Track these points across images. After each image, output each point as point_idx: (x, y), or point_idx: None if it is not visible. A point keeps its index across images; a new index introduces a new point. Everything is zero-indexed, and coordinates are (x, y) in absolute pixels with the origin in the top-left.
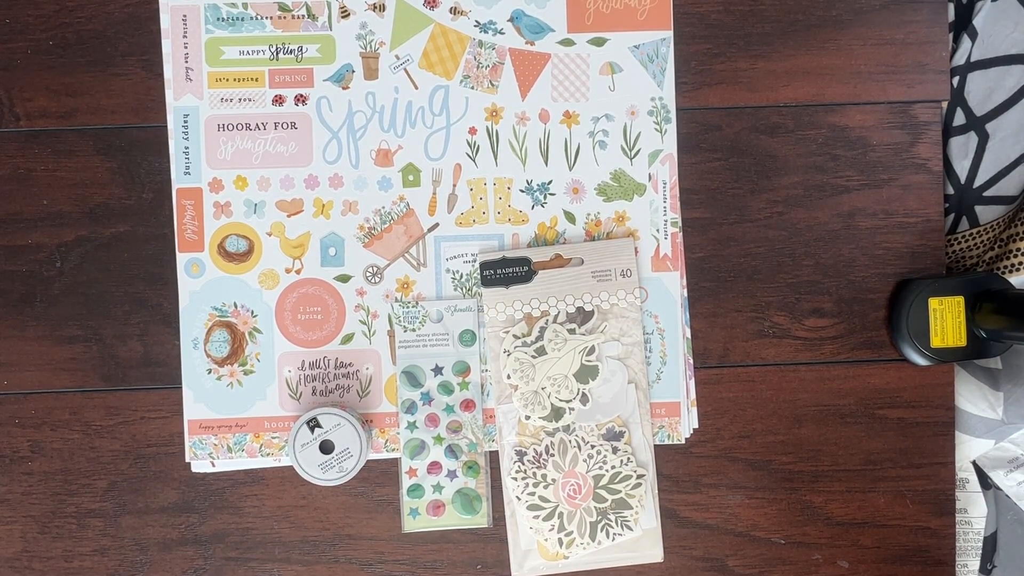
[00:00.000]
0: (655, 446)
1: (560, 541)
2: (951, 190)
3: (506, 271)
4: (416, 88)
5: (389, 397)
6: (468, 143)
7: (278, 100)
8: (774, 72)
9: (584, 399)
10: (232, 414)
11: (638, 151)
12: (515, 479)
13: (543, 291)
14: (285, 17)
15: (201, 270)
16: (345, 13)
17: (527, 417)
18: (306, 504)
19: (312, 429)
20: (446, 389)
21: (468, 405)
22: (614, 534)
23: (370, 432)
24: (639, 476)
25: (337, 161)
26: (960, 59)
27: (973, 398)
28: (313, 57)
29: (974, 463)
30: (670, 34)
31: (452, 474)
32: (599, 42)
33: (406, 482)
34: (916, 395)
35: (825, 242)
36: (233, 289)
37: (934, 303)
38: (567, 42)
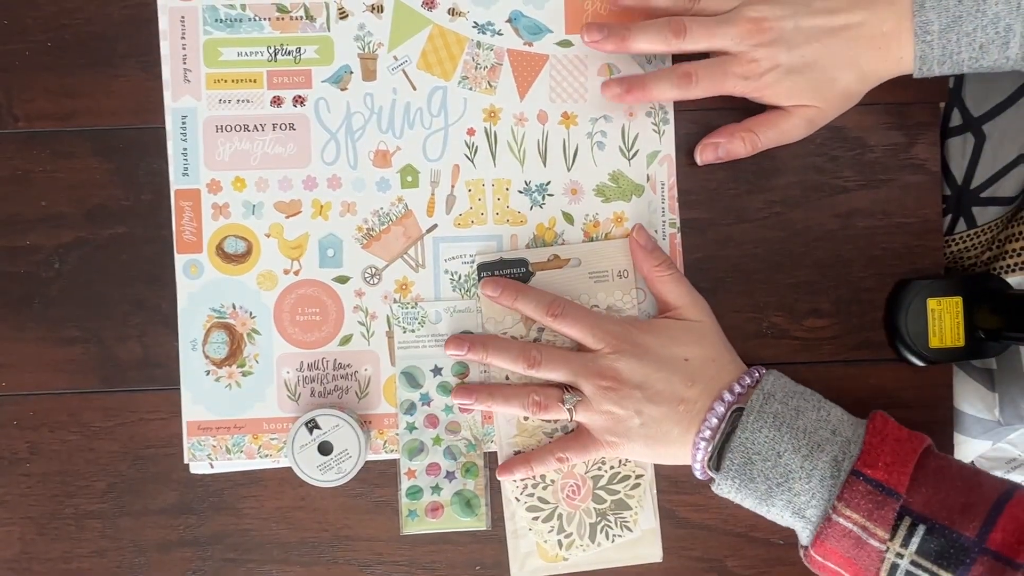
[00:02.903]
0: None
1: (560, 543)
2: (948, 191)
3: (504, 272)
4: (414, 89)
5: (388, 398)
6: (466, 144)
7: (276, 101)
8: None
9: None
10: (231, 415)
11: (636, 152)
12: (514, 480)
13: None
14: (283, 18)
15: (199, 271)
16: (343, 14)
17: (525, 418)
18: (305, 505)
19: (311, 430)
20: (445, 390)
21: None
22: (613, 535)
23: (369, 433)
24: (638, 477)
25: (335, 162)
26: None
27: (971, 399)
28: (311, 58)
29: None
30: None
31: (451, 475)
32: None
33: (405, 483)
34: (914, 396)
35: (823, 242)
36: (231, 290)
37: (932, 303)
38: (565, 43)
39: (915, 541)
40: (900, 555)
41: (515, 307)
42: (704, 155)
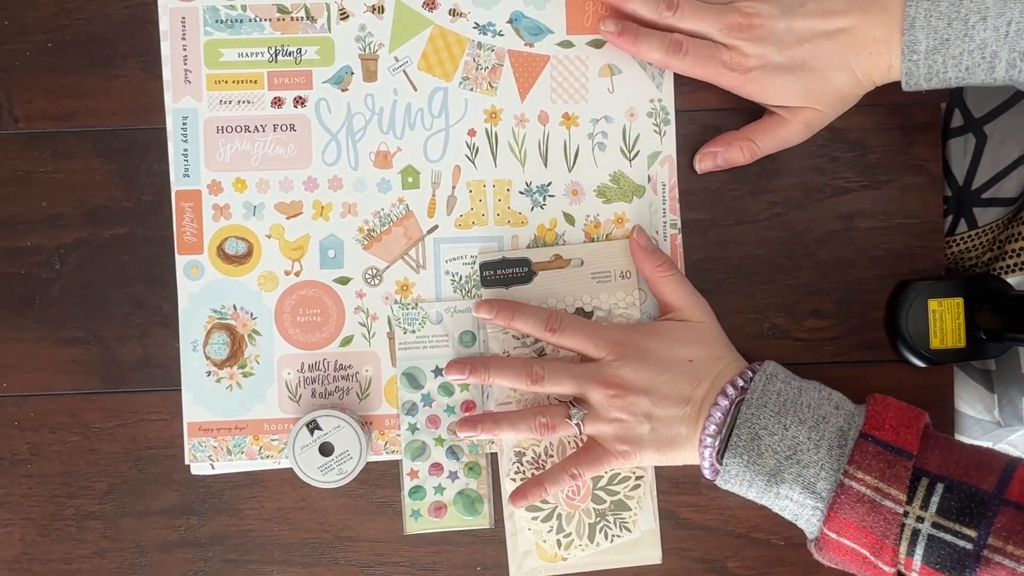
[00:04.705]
0: None
1: (559, 543)
2: (949, 192)
3: (506, 272)
4: (415, 90)
5: (389, 399)
6: (467, 145)
7: (277, 102)
8: None
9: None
10: (231, 416)
11: (637, 153)
12: (514, 480)
13: (543, 292)
14: (284, 19)
15: (200, 272)
16: (344, 15)
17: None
18: (306, 506)
19: (312, 431)
20: (446, 390)
21: (469, 406)
22: (613, 536)
23: (370, 434)
24: (637, 478)
25: (336, 163)
26: None
27: (970, 400)
28: (312, 59)
29: None
30: None
31: (454, 475)
32: (598, 44)
33: (408, 484)
34: (915, 396)
35: (824, 243)
36: (232, 291)
37: (933, 304)
38: (566, 44)
39: (935, 501)
40: (921, 518)
41: (512, 327)
42: (703, 164)
